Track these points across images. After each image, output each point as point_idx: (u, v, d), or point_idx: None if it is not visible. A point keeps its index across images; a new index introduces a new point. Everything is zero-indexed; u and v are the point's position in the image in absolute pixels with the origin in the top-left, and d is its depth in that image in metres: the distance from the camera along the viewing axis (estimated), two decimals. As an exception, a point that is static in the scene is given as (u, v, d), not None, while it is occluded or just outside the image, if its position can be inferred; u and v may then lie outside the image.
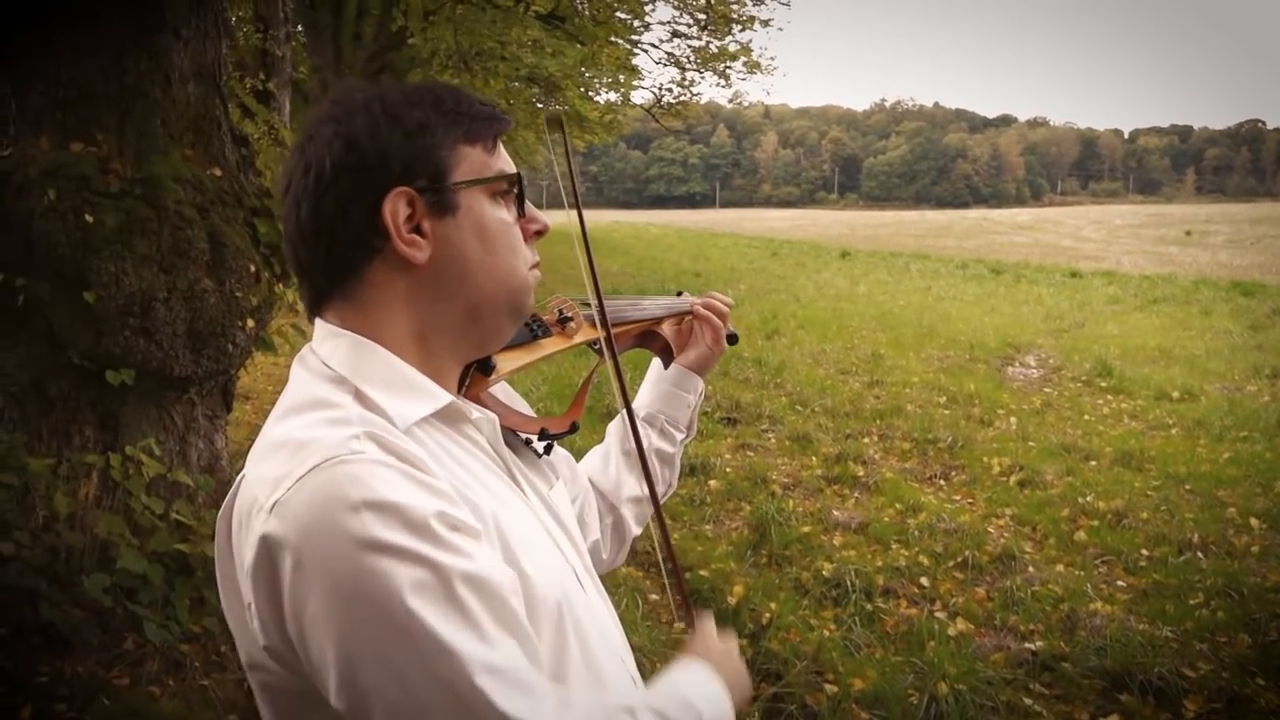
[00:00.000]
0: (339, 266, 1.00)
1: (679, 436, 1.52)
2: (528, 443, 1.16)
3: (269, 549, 0.82)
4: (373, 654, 0.79)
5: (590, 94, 21.91)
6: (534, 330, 1.22)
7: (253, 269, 4.19)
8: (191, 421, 4.24)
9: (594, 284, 1.20)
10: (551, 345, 1.24)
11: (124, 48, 3.95)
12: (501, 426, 1.09)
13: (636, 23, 17.04)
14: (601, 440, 1.52)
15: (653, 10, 16.68)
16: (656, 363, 1.54)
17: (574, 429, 1.17)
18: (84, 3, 3.90)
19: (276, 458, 0.88)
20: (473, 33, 13.76)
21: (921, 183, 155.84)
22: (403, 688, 0.79)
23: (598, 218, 67.86)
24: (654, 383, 1.53)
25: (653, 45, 18.70)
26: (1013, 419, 8.16)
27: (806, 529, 5.36)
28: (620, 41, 16.85)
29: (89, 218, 3.73)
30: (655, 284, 18.92)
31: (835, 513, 5.70)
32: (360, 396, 0.95)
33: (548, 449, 1.18)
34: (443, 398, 1.00)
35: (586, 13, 14.04)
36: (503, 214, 1.04)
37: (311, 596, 0.80)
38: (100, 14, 3.91)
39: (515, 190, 1.06)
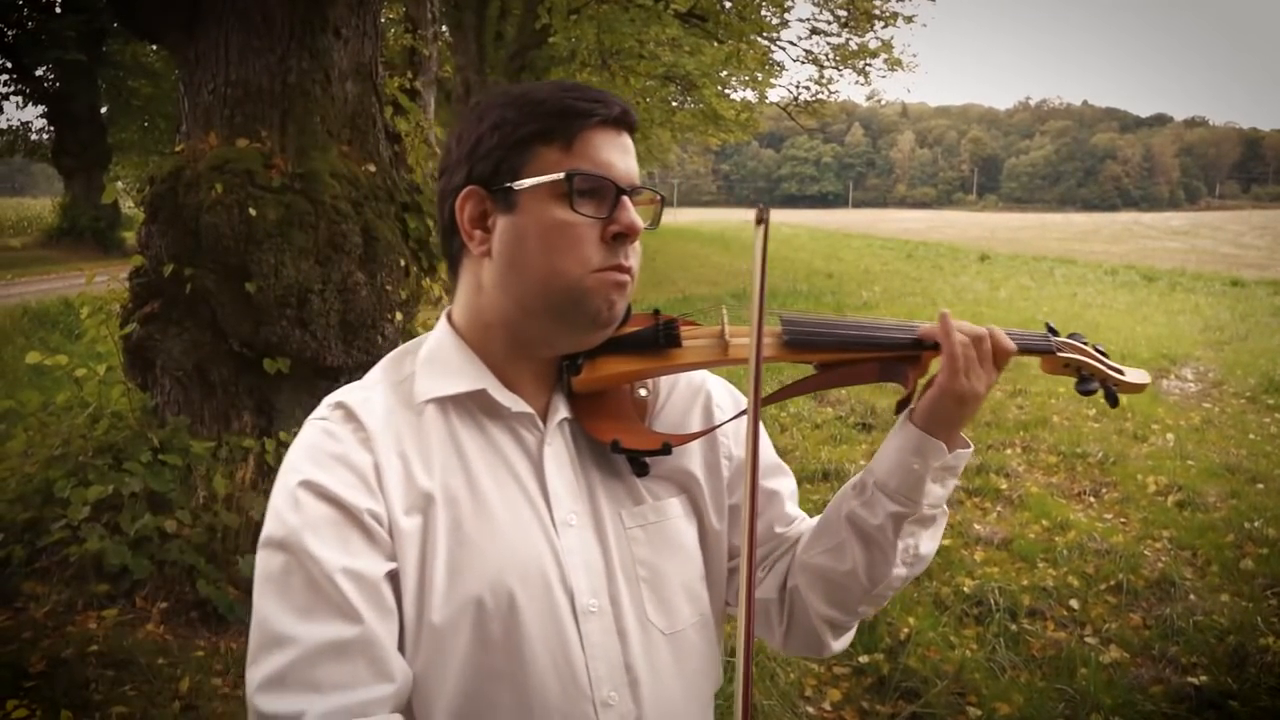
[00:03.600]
0: (447, 256, 1.15)
1: (887, 509, 1.13)
2: (614, 449, 1.10)
3: None
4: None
5: (726, 92, 21.82)
6: (659, 338, 1.12)
7: (402, 263, 4.30)
8: (341, 410, 4.37)
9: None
10: (681, 357, 1.13)
11: (288, 48, 4.10)
12: (585, 431, 1.11)
13: (776, 20, 16.87)
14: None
15: (792, 6, 16.43)
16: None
17: (663, 450, 1.10)
18: (258, 5, 4.06)
19: None
20: (614, 30, 13.86)
21: (1067, 184, 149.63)
22: None
23: (728, 216, 67.67)
24: (889, 437, 1.18)
25: (790, 43, 18.50)
26: (1169, 435, 7.70)
27: (946, 542, 5.16)
28: (760, 39, 16.71)
29: (252, 211, 3.88)
30: (786, 284, 18.68)
31: (977, 526, 5.48)
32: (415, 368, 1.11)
33: (636, 468, 1.12)
34: (471, 385, 1.08)
35: (730, 8, 13.94)
36: (564, 213, 1.03)
37: None
38: (271, 15, 4.06)
39: (579, 189, 1.04)
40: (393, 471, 1.03)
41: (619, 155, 1.06)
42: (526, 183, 1.04)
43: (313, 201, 4.03)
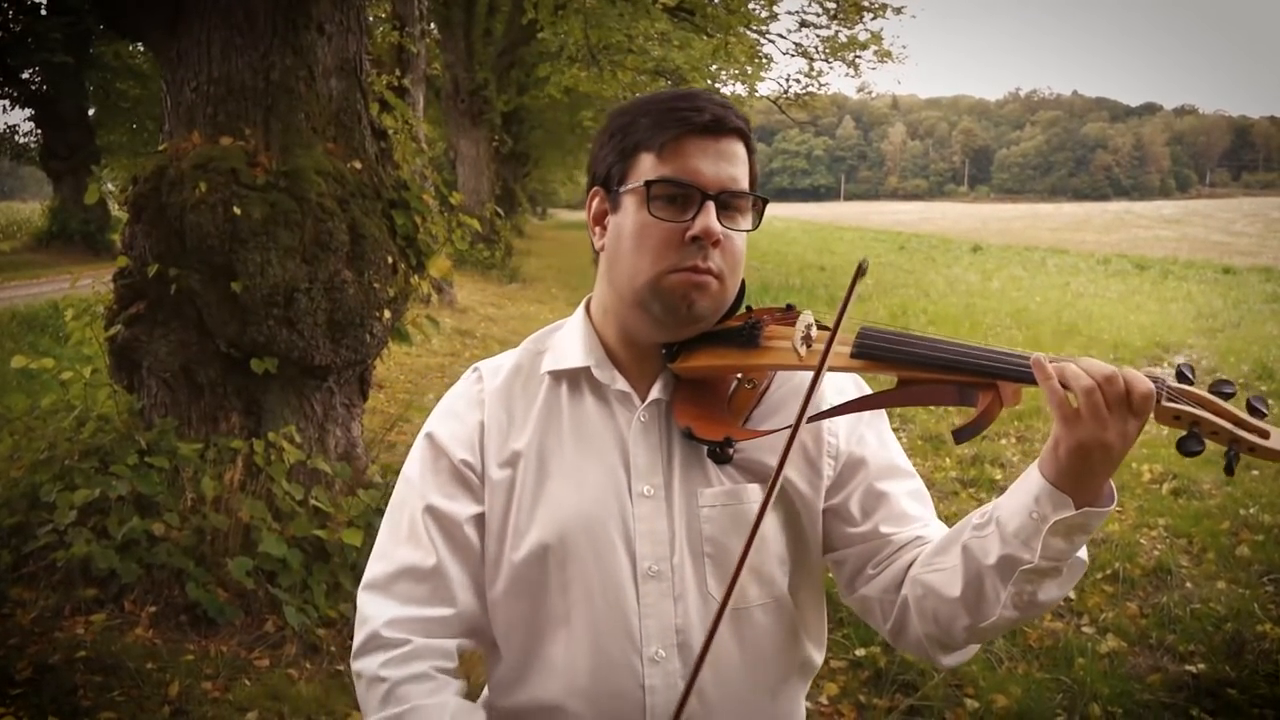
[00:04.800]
0: (593, 249, 1.28)
1: (1000, 550, 1.07)
2: (685, 435, 1.19)
3: None
4: None
5: (716, 86, 21.76)
6: (746, 335, 1.20)
7: (390, 260, 4.26)
8: (330, 410, 4.34)
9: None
10: (761, 357, 1.19)
11: (271, 45, 4.06)
12: (673, 412, 1.22)
13: (764, 13, 16.82)
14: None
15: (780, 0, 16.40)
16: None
17: (725, 442, 1.16)
18: (240, 2, 4.01)
19: None
20: (601, 25, 13.81)
21: (1058, 174, 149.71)
22: None
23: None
24: (1025, 473, 1.10)
25: (780, 36, 18.44)
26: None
27: (942, 533, 5.15)
28: (749, 32, 16.66)
29: (237, 210, 3.83)
30: (779, 278, 18.66)
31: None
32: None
33: (712, 454, 1.18)
34: (579, 362, 1.25)
35: (718, 2, 13.90)
36: (645, 217, 1.16)
37: None
38: (254, 12, 4.01)
39: (663, 195, 1.15)
40: (495, 431, 1.24)
41: (708, 161, 1.15)
42: (625, 187, 1.19)
43: (298, 199, 3.98)
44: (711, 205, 1.14)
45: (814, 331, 1.17)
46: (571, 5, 13.36)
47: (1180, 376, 1.01)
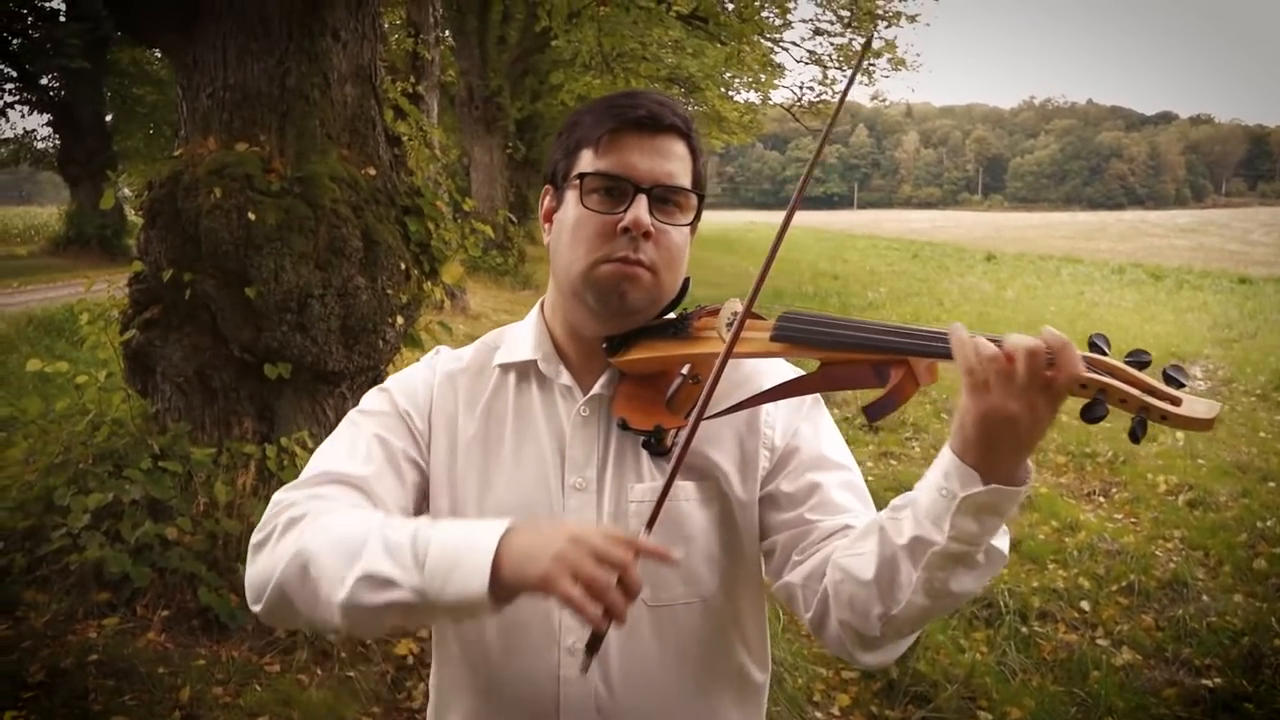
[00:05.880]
0: None
1: (912, 531, 1.04)
2: (620, 426, 1.21)
3: None
4: None
5: (730, 94, 21.78)
6: (679, 327, 1.22)
7: (403, 267, 4.26)
8: (342, 415, 4.33)
9: (754, 289, 1.10)
10: (692, 346, 1.19)
11: (286, 51, 4.07)
12: (610, 407, 1.24)
13: (778, 21, 16.81)
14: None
15: (795, 8, 16.38)
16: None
17: (656, 431, 1.19)
18: (256, 8, 4.02)
19: None
20: (615, 33, 13.83)
21: (1072, 183, 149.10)
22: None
23: (733, 219, 67.57)
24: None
25: (794, 44, 18.43)
26: (1179, 434, 7.64)
27: (955, 544, 5.11)
28: (762, 40, 16.66)
29: (251, 215, 3.84)
30: (791, 285, 18.63)
31: (986, 528, 5.43)
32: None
33: (646, 445, 1.21)
34: (526, 356, 1.28)
35: (731, 9, 13.90)
36: (579, 209, 1.19)
37: None
38: (270, 19, 4.03)
39: (598, 188, 1.18)
40: (442, 413, 1.28)
41: (643, 156, 1.18)
42: (567, 182, 1.22)
43: (312, 205, 3.99)
44: (643, 198, 1.16)
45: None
46: (585, 13, 13.39)
47: (1092, 346, 0.98)
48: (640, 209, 1.16)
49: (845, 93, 1.19)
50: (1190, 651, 3.99)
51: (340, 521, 1.09)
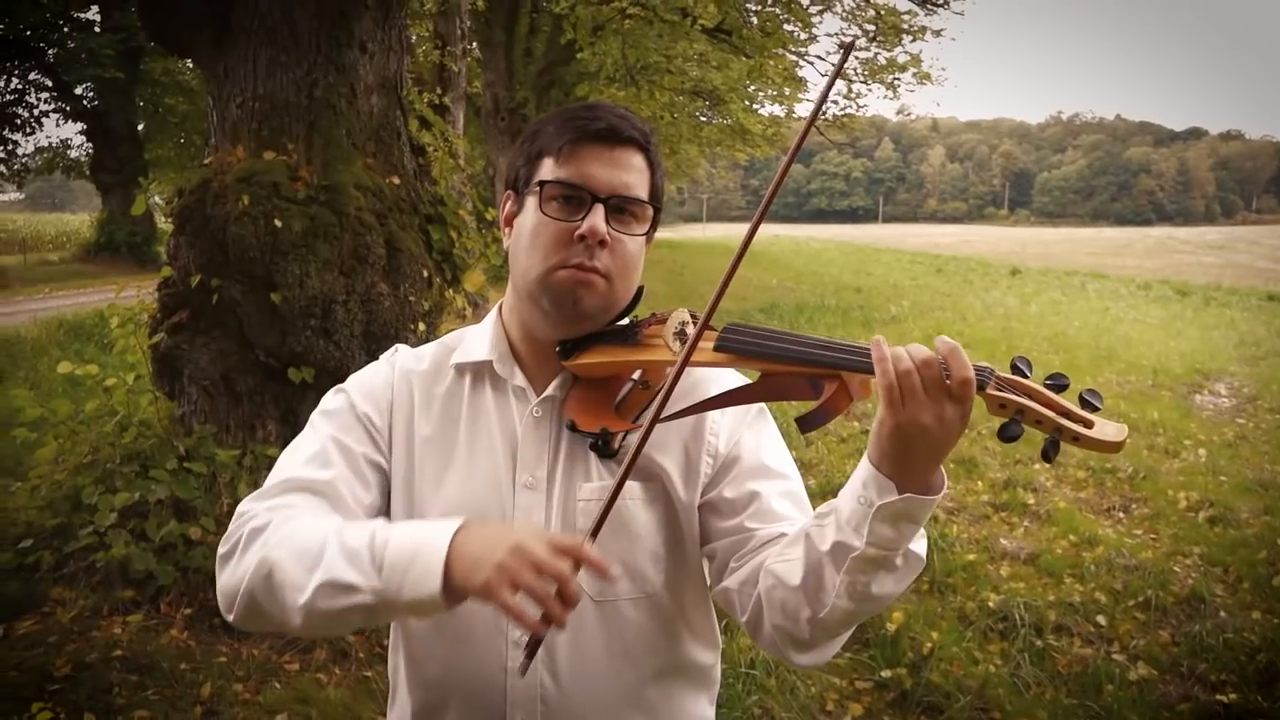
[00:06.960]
0: None
1: (833, 537, 1.08)
2: (569, 428, 1.24)
3: None
4: None
5: (754, 107, 21.81)
6: (629, 334, 1.26)
7: (425, 274, 4.33)
8: (364, 420, 4.40)
9: (716, 295, 1.12)
10: (641, 353, 1.23)
11: (314, 62, 4.16)
12: (561, 409, 1.26)
13: (803, 34, 16.84)
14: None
15: (820, 22, 16.40)
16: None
17: (602, 434, 1.22)
18: (286, 21, 4.11)
19: None
20: (639, 46, 13.91)
21: (1100, 199, 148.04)
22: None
23: (758, 232, 67.44)
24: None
25: (819, 58, 18.46)
26: (1201, 450, 7.59)
27: (971, 557, 5.11)
28: (786, 53, 16.70)
29: (278, 222, 3.92)
30: (815, 299, 18.61)
31: (1003, 541, 5.42)
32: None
33: (594, 446, 1.24)
34: (482, 356, 1.31)
35: (755, 23, 13.95)
36: (538, 216, 1.22)
37: None
38: (299, 31, 4.12)
39: (557, 195, 1.21)
40: (400, 411, 1.30)
41: (602, 167, 1.21)
42: (527, 189, 1.25)
43: (337, 213, 4.07)
44: (600, 208, 1.20)
45: (689, 329, 1.20)
46: (610, 26, 13.48)
47: (1014, 369, 1.03)
48: (597, 218, 1.19)
49: (824, 96, 1.16)
50: (1206, 667, 3.97)
51: (300, 529, 1.12)
